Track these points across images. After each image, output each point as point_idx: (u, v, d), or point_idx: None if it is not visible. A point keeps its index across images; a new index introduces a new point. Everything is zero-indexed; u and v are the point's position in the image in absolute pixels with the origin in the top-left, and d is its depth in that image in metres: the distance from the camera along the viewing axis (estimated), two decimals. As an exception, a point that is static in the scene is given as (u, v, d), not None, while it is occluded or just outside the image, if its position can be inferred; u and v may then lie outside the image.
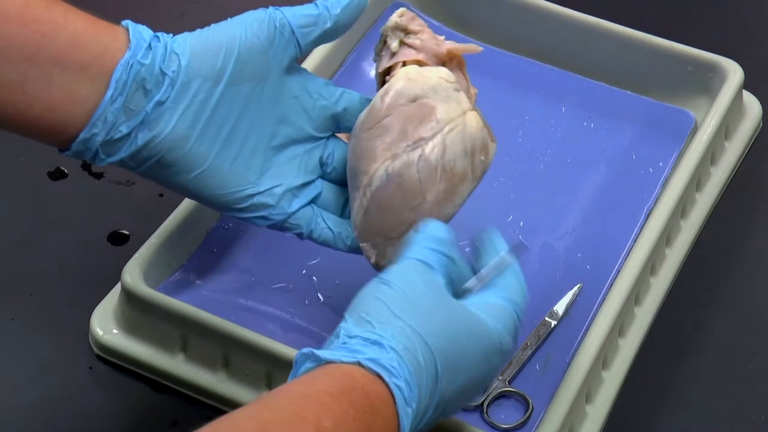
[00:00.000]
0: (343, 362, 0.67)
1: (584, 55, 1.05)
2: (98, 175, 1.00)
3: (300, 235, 0.82)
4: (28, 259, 0.95)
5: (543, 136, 1.01)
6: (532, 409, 0.83)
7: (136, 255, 0.88)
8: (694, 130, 1.00)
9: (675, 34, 1.04)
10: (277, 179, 0.80)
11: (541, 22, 1.06)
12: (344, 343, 0.68)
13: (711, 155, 0.98)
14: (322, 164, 0.82)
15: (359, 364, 0.67)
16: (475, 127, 0.79)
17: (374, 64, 0.84)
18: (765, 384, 0.88)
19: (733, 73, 1.00)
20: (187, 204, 0.91)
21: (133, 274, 0.87)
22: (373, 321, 0.68)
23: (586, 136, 1.01)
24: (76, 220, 0.98)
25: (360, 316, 0.69)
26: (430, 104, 0.78)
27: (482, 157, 0.80)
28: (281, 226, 0.81)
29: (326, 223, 0.82)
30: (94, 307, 0.90)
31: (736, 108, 1.01)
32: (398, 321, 0.68)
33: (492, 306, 0.74)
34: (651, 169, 0.98)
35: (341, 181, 0.82)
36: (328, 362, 0.67)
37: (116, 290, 0.90)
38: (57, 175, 1.00)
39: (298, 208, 0.81)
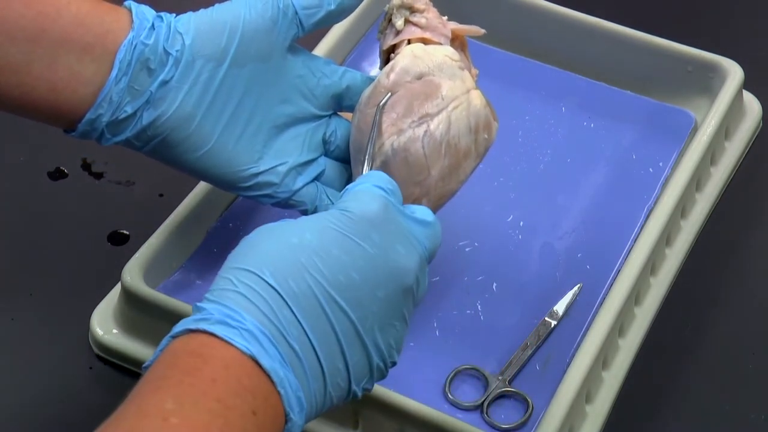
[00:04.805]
0: (169, 342, 0.65)
1: (584, 55, 1.05)
2: (98, 175, 1.00)
3: (305, 212, 0.82)
4: (28, 259, 0.95)
5: (543, 136, 1.01)
6: (532, 409, 0.83)
7: (136, 255, 0.88)
8: (694, 130, 1.00)
9: (675, 34, 1.04)
10: (281, 158, 0.81)
11: (541, 22, 1.06)
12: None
13: (711, 155, 0.98)
14: (325, 142, 0.83)
15: (175, 336, 0.64)
16: (479, 105, 0.80)
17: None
18: (765, 384, 0.88)
19: (733, 73, 1.00)
20: (187, 204, 0.91)
21: (133, 274, 0.87)
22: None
23: (586, 136, 1.01)
24: (76, 220, 0.98)
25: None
26: (435, 81, 0.79)
27: (485, 135, 0.81)
28: (286, 204, 0.82)
29: (330, 200, 0.82)
30: (94, 307, 0.90)
31: (736, 108, 1.01)
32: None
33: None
34: (651, 169, 0.98)
35: (344, 158, 0.83)
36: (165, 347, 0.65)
37: (116, 290, 0.90)
38: (57, 175, 1.00)
39: (303, 185, 0.81)
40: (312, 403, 0.65)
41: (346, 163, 0.83)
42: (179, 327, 0.65)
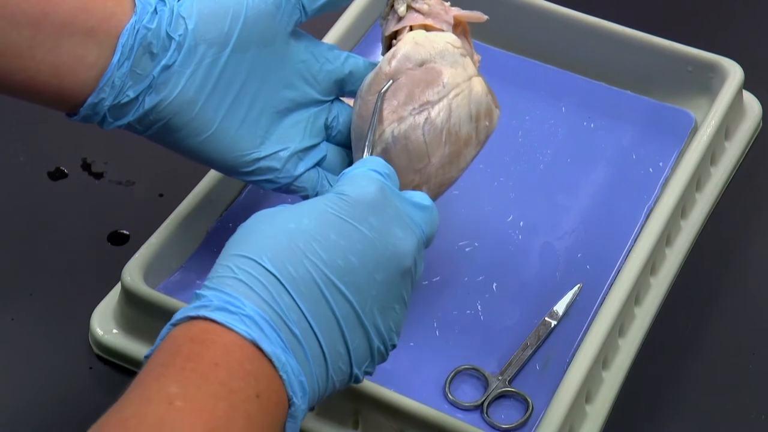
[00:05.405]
0: (170, 330, 0.65)
1: (584, 55, 1.05)
2: (98, 175, 1.00)
3: (306, 198, 0.82)
4: (28, 259, 0.95)
5: (543, 136, 1.01)
6: (532, 409, 0.83)
7: (136, 255, 0.88)
8: (694, 130, 1.00)
9: (675, 34, 1.04)
10: (283, 143, 0.81)
11: (541, 22, 1.06)
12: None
13: (711, 155, 0.98)
14: (327, 127, 0.83)
15: (175, 323, 0.65)
16: (480, 92, 0.80)
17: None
18: (765, 384, 0.88)
19: (733, 73, 1.00)
20: (187, 204, 0.91)
21: (133, 274, 0.87)
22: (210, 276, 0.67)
23: (586, 136, 1.01)
24: (76, 220, 0.98)
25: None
26: (436, 68, 0.79)
27: (486, 123, 0.81)
28: (287, 189, 0.82)
29: (332, 186, 0.82)
30: (94, 307, 0.90)
31: (736, 108, 1.01)
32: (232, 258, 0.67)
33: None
34: (651, 169, 0.98)
35: (346, 143, 0.83)
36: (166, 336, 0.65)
37: (116, 290, 0.90)
38: (57, 175, 1.00)
39: (304, 171, 0.82)
40: (314, 388, 0.66)
41: (348, 149, 0.83)
42: (179, 315, 0.65)
